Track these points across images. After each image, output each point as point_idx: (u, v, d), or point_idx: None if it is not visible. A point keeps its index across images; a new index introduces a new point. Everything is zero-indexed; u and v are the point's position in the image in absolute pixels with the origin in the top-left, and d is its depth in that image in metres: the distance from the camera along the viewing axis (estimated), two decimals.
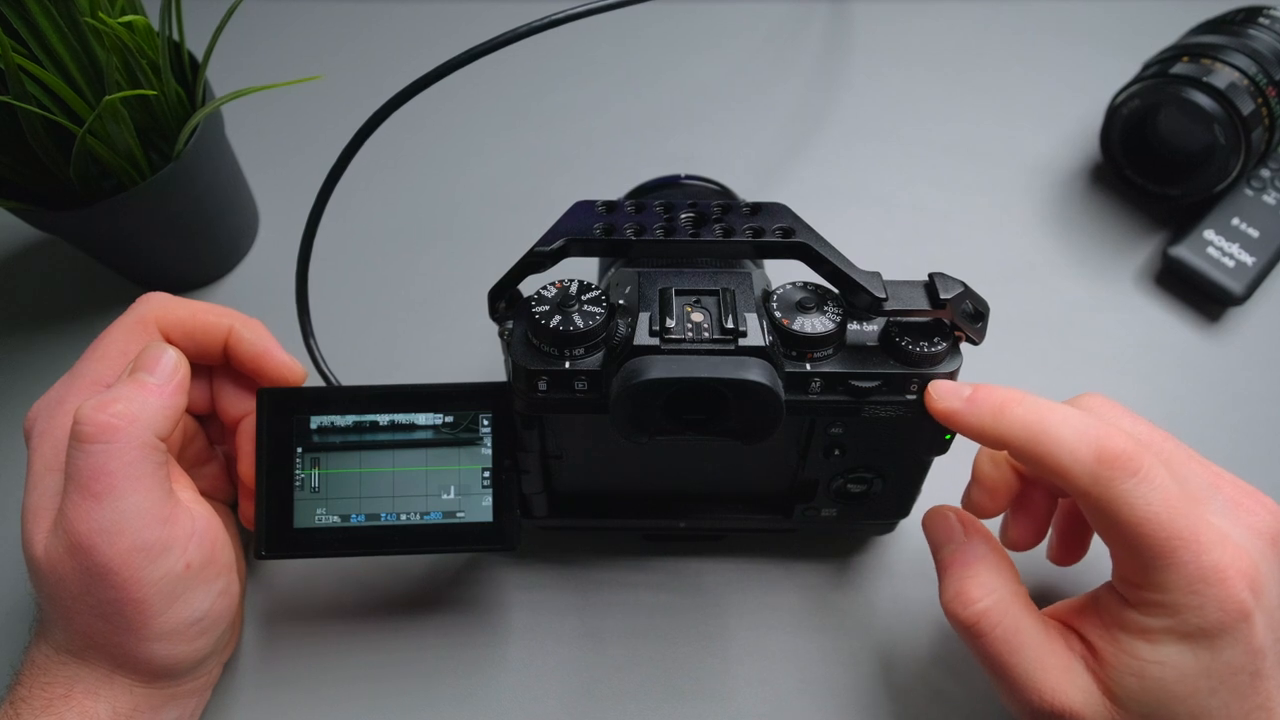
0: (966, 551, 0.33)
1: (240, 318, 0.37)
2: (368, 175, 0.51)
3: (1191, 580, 0.28)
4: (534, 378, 0.32)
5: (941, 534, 0.34)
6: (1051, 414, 0.30)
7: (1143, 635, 0.29)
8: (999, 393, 0.31)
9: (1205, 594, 0.28)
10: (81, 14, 0.38)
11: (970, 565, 0.32)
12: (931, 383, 0.32)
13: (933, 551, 0.34)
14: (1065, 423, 0.29)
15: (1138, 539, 0.28)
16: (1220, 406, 0.46)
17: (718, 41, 0.60)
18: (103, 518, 0.31)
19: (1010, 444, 0.30)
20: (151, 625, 0.32)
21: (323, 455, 0.37)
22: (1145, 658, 0.29)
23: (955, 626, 0.32)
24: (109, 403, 0.32)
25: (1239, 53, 0.47)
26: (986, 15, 0.60)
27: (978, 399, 0.31)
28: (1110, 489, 0.28)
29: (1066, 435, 0.29)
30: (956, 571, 0.32)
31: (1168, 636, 0.29)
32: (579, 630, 0.41)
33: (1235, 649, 0.28)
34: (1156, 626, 0.29)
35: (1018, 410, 0.30)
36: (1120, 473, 0.28)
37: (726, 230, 0.33)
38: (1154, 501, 0.28)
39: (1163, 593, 0.29)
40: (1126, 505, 0.28)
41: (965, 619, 0.31)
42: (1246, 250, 0.48)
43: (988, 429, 0.30)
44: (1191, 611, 0.28)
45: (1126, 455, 0.28)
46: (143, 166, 0.43)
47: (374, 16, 0.61)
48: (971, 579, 0.32)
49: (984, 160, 0.54)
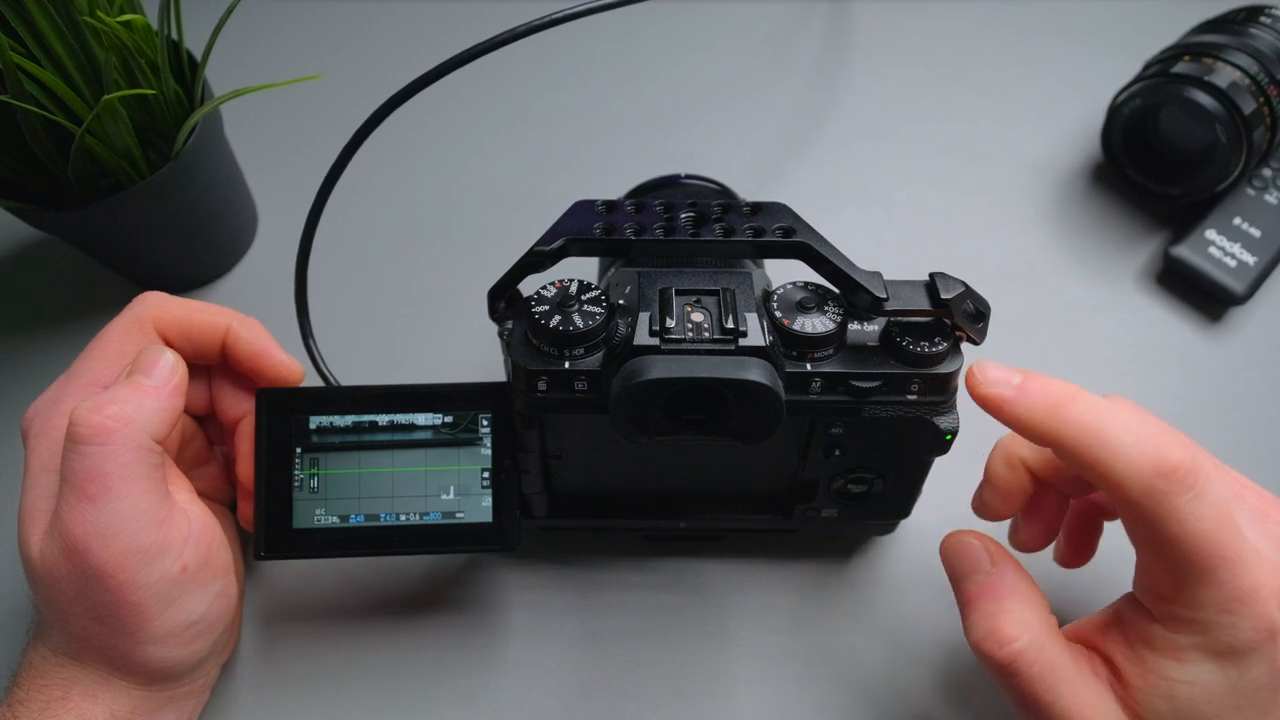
0: (996, 584, 0.31)
1: (238, 317, 0.37)
2: (367, 175, 0.50)
3: (1227, 600, 0.27)
4: (534, 378, 0.32)
5: (966, 564, 0.32)
6: (1111, 417, 0.28)
7: (1171, 653, 0.28)
8: (1054, 386, 0.29)
9: (1239, 613, 0.27)
10: (80, 13, 0.38)
11: (1001, 599, 0.30)
12: (977, 362, 0.30)
13: (954, 582, 0.32)
14: (1125, 428, 0.28)
15: (1182, 555, 0.27)
16: (1222, 407, 0.46)
17: (718, 41, 0.59)
18: (98, 520, 0.31)
19: (1063, 444, 0.28)
20: (148, 628, 0.32)
21: (322, 455, 0.37)
22: (1174, 677, 0.28)
23: (987, 665, 0.30)
24: (104, 404, 0.32)
25: (1240, 52, 0.47)
26: (987, 14, 0.60)
27: (1031, 390, 0.29)
28: (1164, 503, 0.27)
29: (1127, 442, 0.27)
30: (986, 606, 0.30)
31: (1196, 654, 0.28)
32: (579, 631, 0.40)
33: (1261, 667, 0.28)
34: (1185, 644, 0.28)
35: (1075, 409, 0.28)
36: (1177, 487, 0.27)
37: (727, 230, 0.32)
38: (1205, 518, 0.27)
39: (1196, 609, 0.28)
40: (1178, 521, 0.27)
41: (1001, 660, 0.29)
42: (1248, 250, 0.48)
43: (1039, 425, 0.29)
44: (1223, 630, 0.27)
45: (1185, 469, 0.27)
46: (141, 166, 0.42)
47: (373, 15, 0.61)
48: (1005, 615, 0.30)
49: (985, 160, 0.54)
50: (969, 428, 0.34)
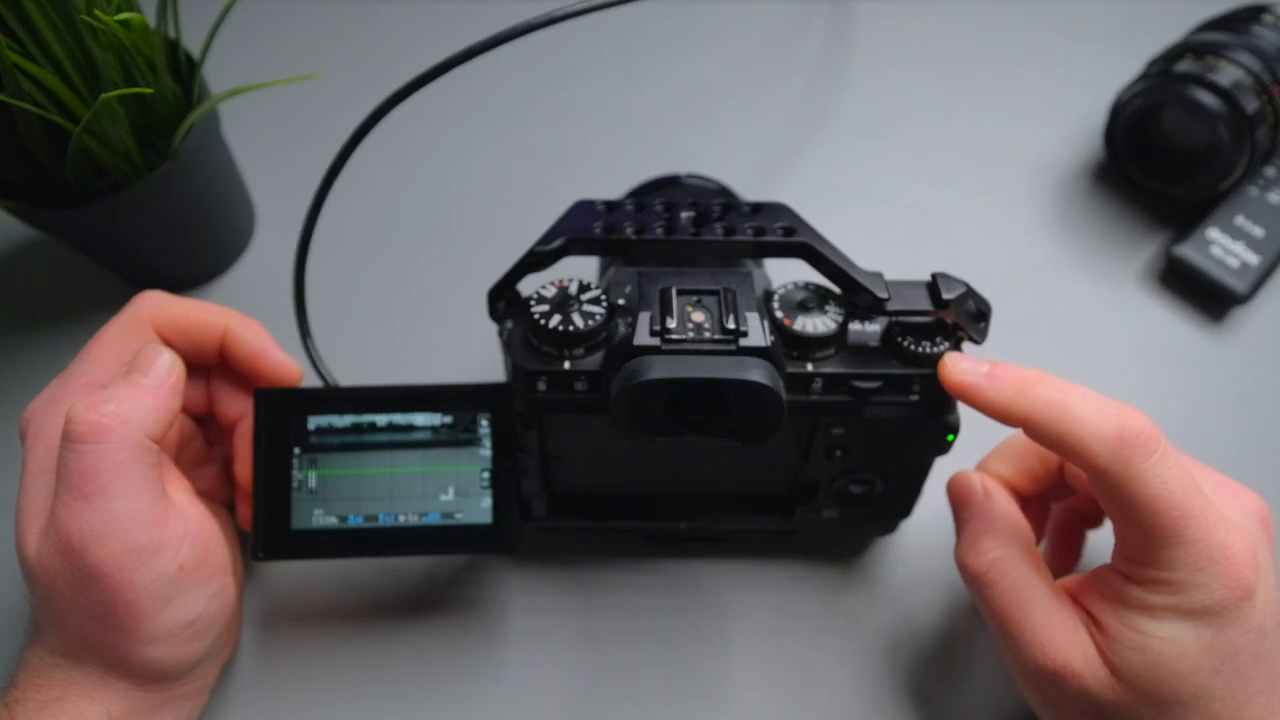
0: (986, 509, 0.34)
1: (237, 317, 0.37)
2: (366, 174, 0.50)
3: (1198, 558, 0.29)
4: (533, 378, 0.32)
5: (964, 496, 0.35)
6: (1073, 393, 0.30)
7: (1146, 611, 0.30)
8: (1020, 370, 0.31)
9: (1211, 571, 0.29)
10: (77, 11, 0.38)
11: (988, 521, 0.33)
12: (947, 355, 0.32)
13: (955, 513, 0.35)
14: (1086, 401, 0.30)
15: (1151, 516, 0.29)
16: (1224, 406, 0.46)
17: (719, 40, 0.59)
18: (93, 519, 0.31)
19: (1031, 421, 0.30)
20: (144, 628, 0.32)
21: (320, 456, 0.36)
22: (1147, 632, 0.29)
23: (966, 579, 0.33)
24: (101, 403, 0.32)
25: (1243, 51, 0.47)
26: (989, 13, 0.60)
27: (999, 375, 0.31)
28: (1130, 467, 0.29)
29: (1089, 414, 0.29)
30: (972, 526, 0.33)
31: (1171, 614, 0.29)
32: (579, 632, 0.40)
33: (1237, 628, 0.29)
34: (1160, 604, 0.29)
35: (1040, 388, 0.30)
36: (1140, 451, 0.29)
37: (728, 230, 0.32)
38: (1169, 480, 0.29)
39: (1169, 570, 0.29)
40: (1143, 483, 0.29)
41: (975, 567, 0.32)
42: (1251, 249, 0.48)
43: (1010, 405, 0.30)
44: (1197, 589, 0.29)
45: (1145, 434, 0.29)
46: (139, 165, 0.42)
47: (372, 14, 0.60)
48: (987, 533, 0.33)
49: (986, 159, 0.54)
50: (970, 428, 0.34)
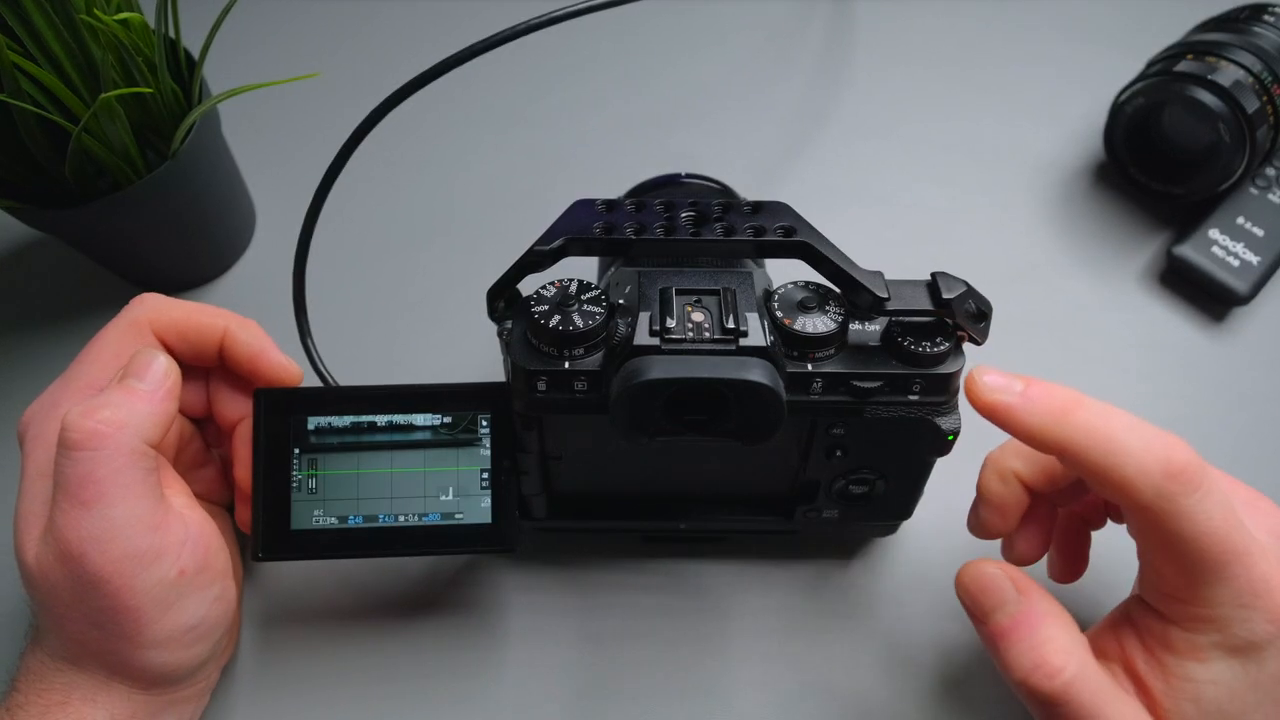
0: (1029, 613, 0.29)
1: (235, 318, 0.37)
2: (365, 174, 0.50)
3: (1241, 594, 0.27)
4: (533, 378, 0.32)
5: (991, 597, 0.30)
6: (1116, 419, 0.28)
7: (1192, 655, 0.28)
8: (1058, 391, 0.29)
9: (1254, 606, 0.27)
10: (77, 11, 0.38)
11: (1038, 627, 0.29)
12: (976, 369, 0.30)
13: (978, 618, 0.31)
14: (1132, 431, 0.28)
15: (1195, 553, 0.27)
16: (1225, 407, 0.46)
17: (719, 39, 0.59)
18: (92, 526, 0.31)
19: (1071, 451, 0.28)
20: (145, 633, 0.32)
21: (320, 456, 0.36)
22: (1198, 679, 0.28)
23: (1034, 699, 0.29)
24: (96, 409, 0.31)
25: (1244, 50, 0.47)
26: (989, 13, 0.60)
27: (1035, 397, 0.29)
28: (1174, 503, 0.27)
29: (1135, 445, 0.27)
30: (1025, 639, 0.29)
31: (1216, 652, 0.28)
32: (579, 632, 0.40)
33: (1277, 660, 0.28)
34: (1204, 643, 0.28)
35: (1081, 414, 0.28)
36: (1186, 486, 0.27)
37: (727, 229, 0.32)
38: (1214, 516, 0.27)
39: (1211, 607, 0.28)
40: (1189, 519, 0.27)
41: (1052, 693, 0.28)
42: (1251, 249, 0.48)
43: (1048, 432, 0.28)
44: (1239, 625, 0.28)
45: (1193, 469, 0.27)
46: (138, 165, 0.42)
47: (372, 14, 0.60)
48: (1048, 644, 0.29)
49: (986, 159, 0.54)
50: (970, 428, 0.34)
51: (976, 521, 0.35)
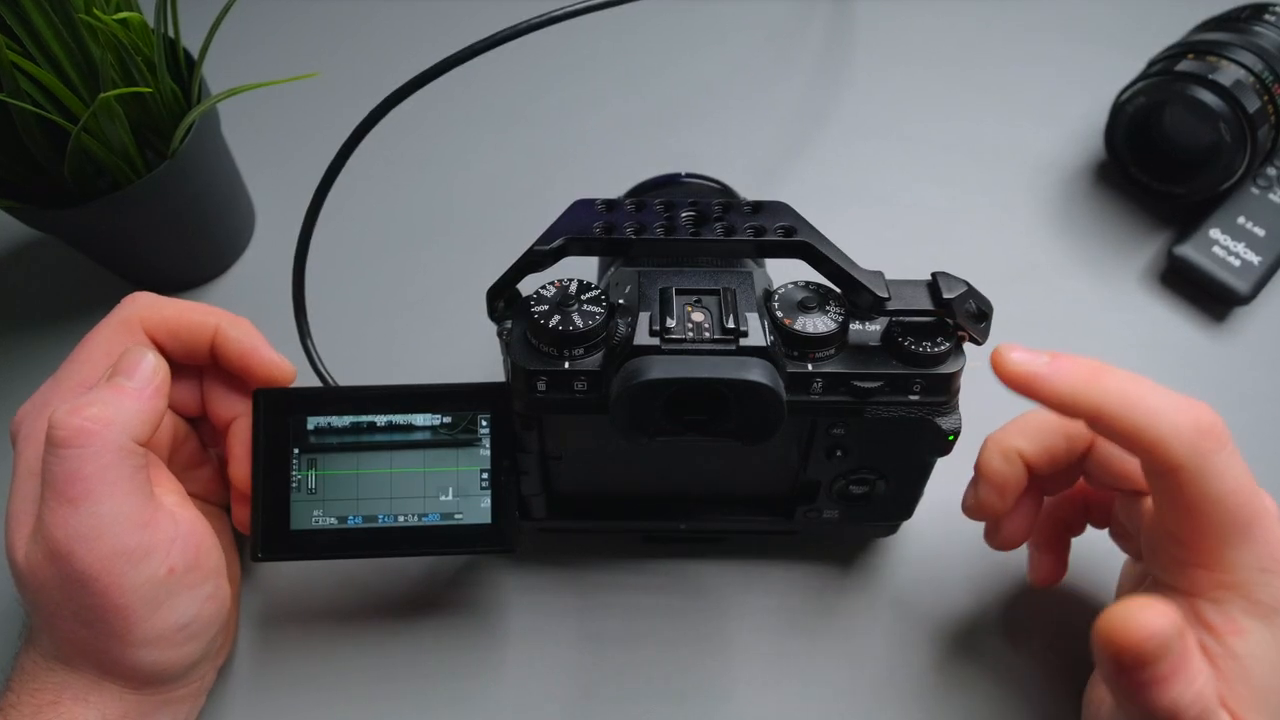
0: (1184, 652, 0.27)
1: (227, 316, 0.37)
2: (365, 173, 0.50)
3: (1262, 558, 0.28)
4: (533, 378, 0.32)
5: (1160, 645, 0.26)
6: (1145, 383, 0.29)
7: (1229, 629, 0.28)
8: (1083, 359, 0.29)
9: (1274, 569, 0.28)
10: (76, 11, 0.38)
11: (1190, 664, 0.27)
12: (1001, 345, 0.30)
13: (1131, 669, 0.26)
14: (1160, 393, 0.28)
15: (1224, 512, 0.28)
16: (1226, 407, 0.45)
17: (719, 39, 0.59)
18: (80, 523, 0.30)
19: (1104, 413, 0.28)
20: (135, 631, 0.32)
21: (320, 456, 0.36)
22: (1242, 654, 0.28)
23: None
24: (83, 407, 0.31)
25: (1245, 50, 0.46)
26: (989, 12, 0.60)
27: (1063, 364, 0.29)
28: (1207, 460, 0.28)
29: (1166, 406, 0.28)
30: (1182, 680, 0.27)
31: (1249, 621, 0.28)
32: (578, 633, 0.40)
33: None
34: (1235, 613, 0.28)
35: (1112, 379, 0.29)
36: (1216, 443, 0.28)
37: (727, 229, 0.32)
38: (1241, 475, 0.28)
39: (1234, 572, 0.28)
40: (1218, 477, 0.28)
41: (1206, 711, 0.27)
42: (1252, 249, 0.48)
43: (1080, 396, 0.29)
44: (1261, 588, 0.28)
45: (1220, 427, 0.28)
46: (138, 165, 0.42)
47: (371, 13, 0.60)
48: (1197, 679, 0.27)
49: (987, 158, 0.54)
50: (971, 428, 0.34)
51: (975, 501, 0.35)
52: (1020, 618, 0.40)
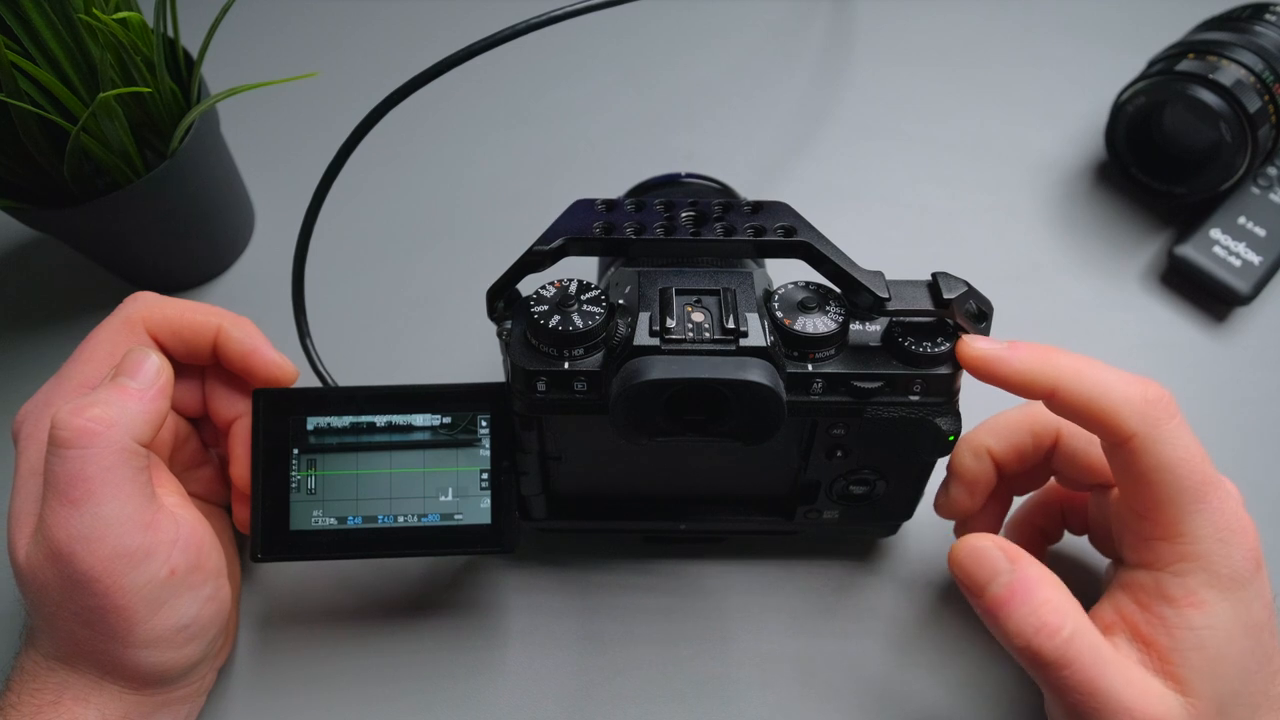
0: (1024, 579, 0.30)
1: (229, 316, 0.37)
2: (365, 173, 0.50)
3: (1219, 527, 0.29)
4: (533, 378, 0.32)
5: (985, 569, 0.30)
6: (1095, 361, 0.30)
7: (1187, 601, 0.29)
8: (1037, 345, 0.31)
9: (1232, 541, 0.29)
10: (76, 10, 0.38)
11: (1035, 592, 0.30)
12: (965, 336, 0.32)
13: (975, 591, 0.31)
14: (1107, 368, 0.30)
15: (1178, 479, 0.29)
16: (1227, 407, 0.46)
17: (719, 38, 0.59)
18: (81, 524, 0.30)
19: (1060, 387, 0.30)
20: (136, 632, 0.32)
21: (319, 457, 0.36)
22: (1198, 625, 0.29)
23: (1036, 663, 0.29)
24: (86, 407, 0.31)
25: (1245, 49, 0.46)
26: (990, 12, 0.60)
27: (1020, 347, 0.31)
28: (1159, 427, 0.29)
29: (1116, 379, 0.30)
30: (1023, 604, 0.29)
31: (1208, 593, 0.29)
32: (578, 633, 0.40)
33: (1258, 602, 0.29)
34: (1194, 584, 0.29)
35: (1065, 357, 0.30)
36: (1165, 412, 0.29)
37: (727, 229, 0.32)
38: (1190, 444, 0.29)
39: (1194, 542, 0.29)
40: (1170, 444, 0.29)
41: (1053, 652, 0.29)
42: (1253, 249, 0.47)
43: (1036, 374, 0.30)
44: (1221, 559, 0.29)
45: (1168, 398, 0.30)
46: (137, 164, 0.42)
47: (371, 13, 0.60)
48: (1045, 606, 0.29)
49: (988, 158, 0.54)
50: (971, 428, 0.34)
51: (945, 499, 0.36)
52: None
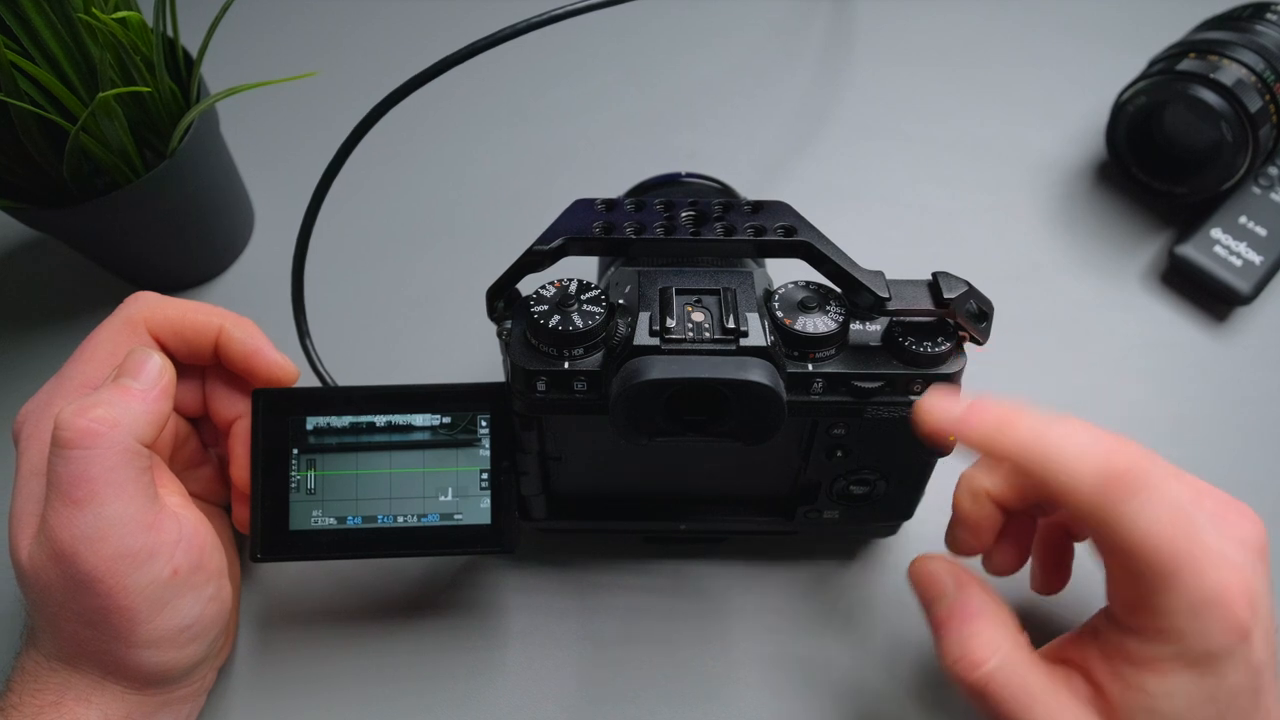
0: (962, 606, 0.31)
1: (231, 317, 0.37)
2: (364, 173, 0.50)
3: (1194, 604, 0.27)
4: (533, 378, 0.32)
5: (932, 589, 0.32)
6: (1055, 428, 0.28)
7: (1149, 667, 0.28)
8: (996, 407, 0.29)
9: (1208, 617, 0.27)
10: (75, 10, 0.38)
11: (969, 622, 0.30)
12: (924, 395, 0.31)
13: (923, 607, 0.32)
14: (1069, 439, 0.28)
15: (1141, 560, 0.27)
16: (1228, 407, 0.46)
17: (719, 38, 0.59)
18: (85, 525, 0.30)
19: (1013, 460, 0.29)
20: (139, 632, 0.32)
21: (319, 457, 0.36)
22: (1154, 691, 0.28)
23: (960, 689, 0.30)
24: (89, 408, 0.31)
25: (1246, 49, 0.46)
26: (991, 11, 0.59)
27: (975, 411, 0.29)
28: (1114, 509, 0.27)
29: (1071, 452, 0.28)
30: (955, 630, 0.30)
31: (1173, 665, 0.28)
32: (578, 634, 0.40)
33: (1238, 671, 0.27)
34: (1161, 655, 0.28)
35: (1020, 426, 0.29)
36: (1125, 491, 0.27)
37: (728, 229, 0.32)
38: (1159, 520, 0.27)
39: (1165, 618, 0.27)
40: (1129, 526, 0.27)
41: (973, 683, 0.30)
42: (1254, 249, 0.47)
43: (990, 445, 0.29)
44: (1195, 636, 0.27)
45: (1133, 471, 0.27)
46: (136, 164, 0.42)
47: (370, 12, 0.60)
48: (974, 638, 0.30)
49: (988, 158, 0.54)
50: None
51: (953, 540, 0.35)
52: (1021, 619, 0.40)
